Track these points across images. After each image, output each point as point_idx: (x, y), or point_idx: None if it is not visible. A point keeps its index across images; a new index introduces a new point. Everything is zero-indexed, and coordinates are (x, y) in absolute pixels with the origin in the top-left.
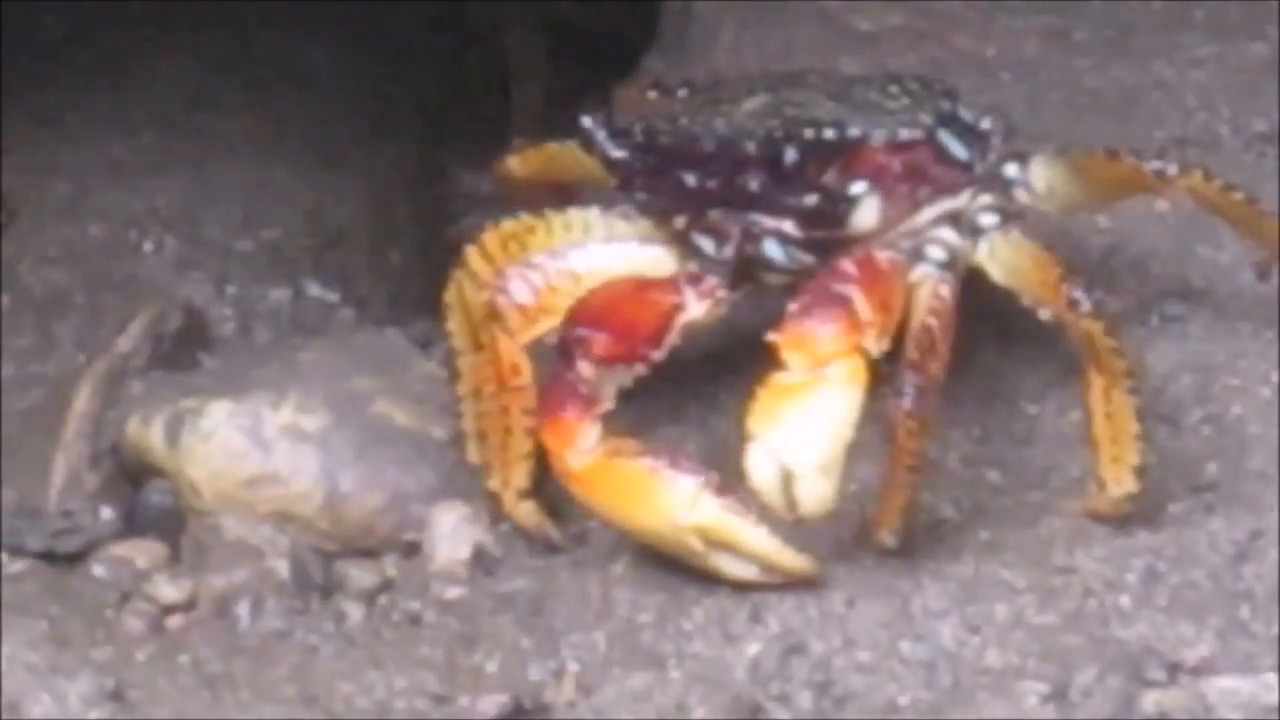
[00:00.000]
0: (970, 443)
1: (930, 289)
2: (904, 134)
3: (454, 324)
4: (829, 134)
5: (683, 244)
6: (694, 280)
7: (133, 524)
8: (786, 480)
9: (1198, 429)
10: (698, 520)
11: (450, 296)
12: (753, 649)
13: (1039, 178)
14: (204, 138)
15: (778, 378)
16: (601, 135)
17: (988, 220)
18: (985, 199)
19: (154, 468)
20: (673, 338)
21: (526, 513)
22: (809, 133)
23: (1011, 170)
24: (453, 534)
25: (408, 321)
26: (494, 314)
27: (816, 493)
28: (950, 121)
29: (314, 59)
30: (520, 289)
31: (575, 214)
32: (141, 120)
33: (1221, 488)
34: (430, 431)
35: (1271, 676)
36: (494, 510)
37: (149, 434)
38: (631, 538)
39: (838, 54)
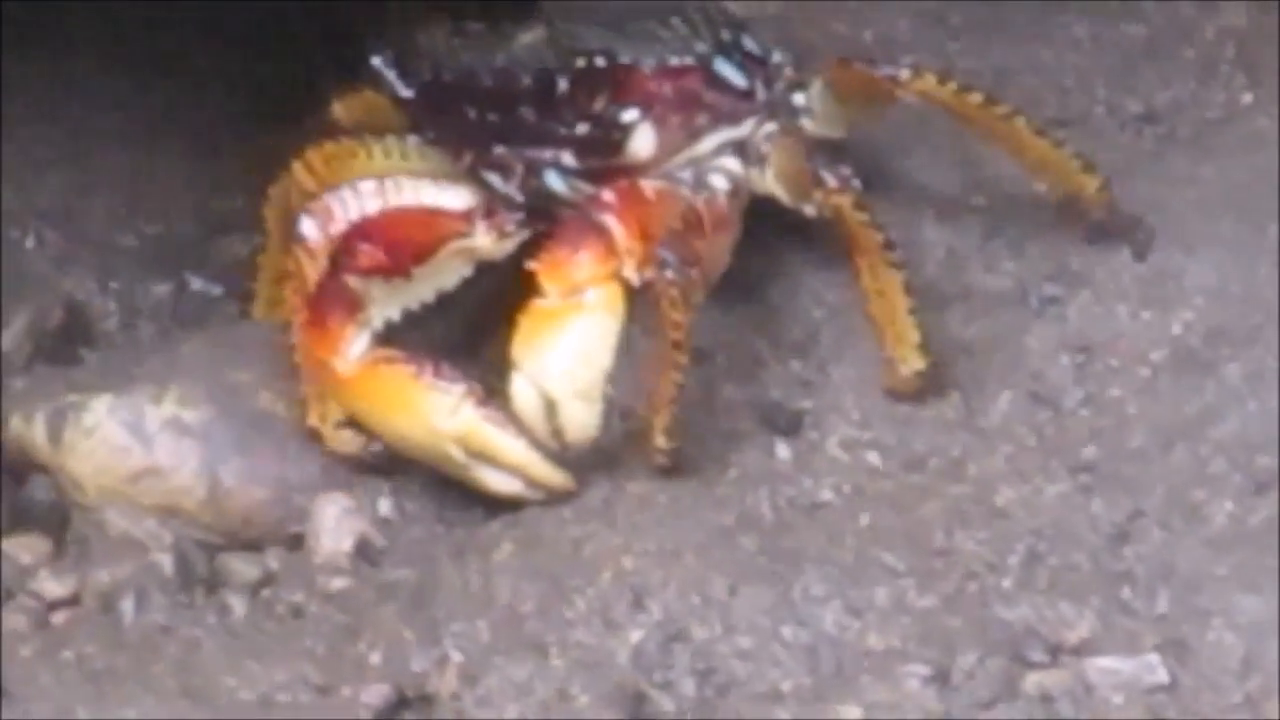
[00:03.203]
0: (849, 426)
1: (707, 198)
2: (675, 60)
3: (270, 215)
4: (599, 62)
5: (475, 180)
6: (487, 213)
7: (16, 520)
8: (550, 408)
9: (1076, 411)
10: (457, 428)
11: (275, 191)
12: (635, 636)
13: (817, 102)
14: (83, 132)
15: (536, 305)
16: (391, 75)
17: (770, 149)
18: (770, 127)
19: (37, 464)
20: (453, 262)
21: (346, 440)
22: (580, 61)
23: (799, 99)
24: (336, 525)
25: None
26: (302, 245)
27: (578, 420)
28: (729, 49)
29: (192, 49)
30: (321, 226)
31: (394, 142)
32: (19, 116)
33: (1101, 469)
34: None
35: (1152, 657)
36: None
37: (31, 430)
38: (398, 449)
39: None
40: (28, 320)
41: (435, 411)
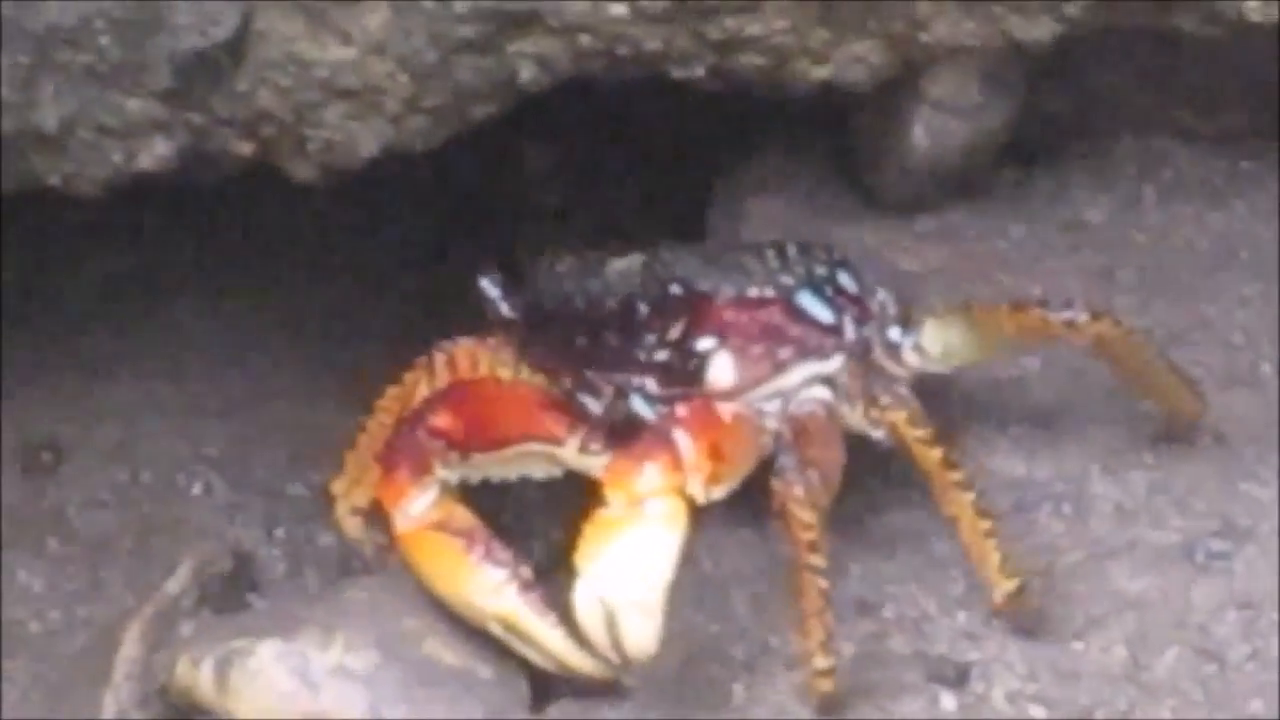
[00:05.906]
0: (1015, 678)
1: (807, 413)
2: (754, 291)
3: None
4: (675, 289)
5: (571, 400)
6: (589, 429)
7: None
8: (610, 619)
9: (1242, 665)
10: (498, 609)
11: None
12: None
13: (932, 339)
14: (250, 380)
15: (599, 513)
16: (496, 296)
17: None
18: (860, 365)
19: (203, 708)
20: (535, 462)
21: (352, 527)
22: (657, 288)
23: (895, 334)
24: None
25: None
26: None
27: (638, 633)
28: (819, 284)
29: (352, 305)
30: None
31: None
32: (188, 363)
33: None
34: (478, 671)
35: None
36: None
37: (198, 674)
38: (445, 605)
39: None
40: (195, 567)
41: (479, 590)
